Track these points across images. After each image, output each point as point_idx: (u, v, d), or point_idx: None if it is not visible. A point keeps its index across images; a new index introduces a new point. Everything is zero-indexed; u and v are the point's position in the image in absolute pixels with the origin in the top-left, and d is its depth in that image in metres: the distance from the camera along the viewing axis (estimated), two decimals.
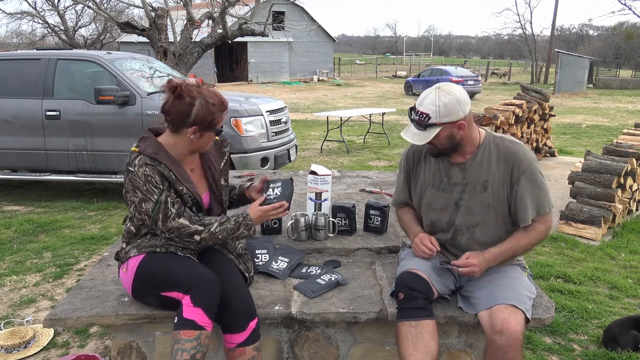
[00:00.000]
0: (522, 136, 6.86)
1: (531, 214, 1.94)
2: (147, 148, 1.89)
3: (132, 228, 1.99)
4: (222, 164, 2.14)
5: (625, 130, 5.93)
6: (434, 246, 2.02)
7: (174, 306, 1.86)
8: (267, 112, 5.69)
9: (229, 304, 1.87)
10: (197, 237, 1.91)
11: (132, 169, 1.86)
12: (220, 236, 1.94)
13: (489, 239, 2.00)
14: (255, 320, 1.91)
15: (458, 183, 2.01)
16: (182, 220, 1.89)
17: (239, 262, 2.11)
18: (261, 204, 2.06)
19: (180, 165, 1.96)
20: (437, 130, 1.88)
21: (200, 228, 1.91)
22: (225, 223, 1.95)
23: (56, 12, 25.78)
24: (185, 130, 1.91)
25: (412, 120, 1.93)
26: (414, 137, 1.92)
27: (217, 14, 9.73)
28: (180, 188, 1.92)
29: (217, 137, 2.05)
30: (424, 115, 1.87)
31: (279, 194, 2.11)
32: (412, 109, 1.93)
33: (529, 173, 1.92)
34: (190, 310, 1.78)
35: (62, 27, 26.63)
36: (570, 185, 5.00)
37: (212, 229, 1.93)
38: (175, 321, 1.79)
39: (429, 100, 1.87)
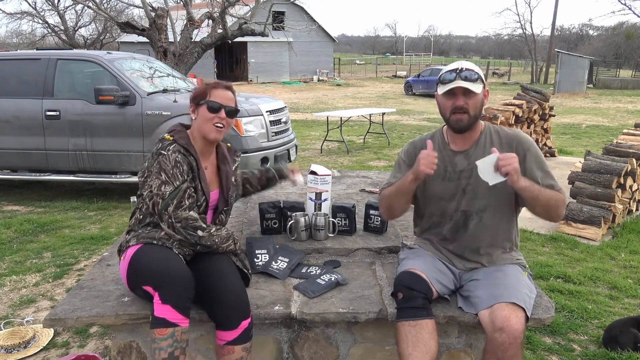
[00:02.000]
0: None
1: (544, 180, 1.94)
2: (180, 139, 2.02)
3: (139, 215, 2.05)
4: (234, 167, 2.28)
5: (625, 130, 5.92)
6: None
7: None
8: (267, 112, 5.68)
9: (223, 301, 1.88)
10: (200, 233, 1.97)
11: (165, 152, 1.96)
12: (216, 240, 2.02)
13: (497, 223, 2.03)
14: (249, 320, 1.90)
15: (464, 169, 2.03)
16: (192, 213, 1.97)
17: (237, 259, 2.12)
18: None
19: (201, 164, 2.07)
20: (481, 87, 1.95)
21: (204, 226, 2.00)
22: (219, 231, 2.06)
23: (56, 12, 25.76)
24: (192, 117, 2.09)
25: (461, 77, 1.91)
26: (470, 85, 1.90)
27: (217, 14, 9.72)
28: (198, 184, 2.03)
29: (222, 121, 2.05)
30: (473, 72, 1.94)
31: None
32: (455, 71, 1.92)
33: (533, 151, 1.99)
34: (160, 308, 1.78)
35: (62, 27, 26.62)
36: (570, 186, 5.00)
37: (211, 231, 2.02)
38: (150, 320, 1.80)
39: (467, 65, 1.97)
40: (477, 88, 1.92)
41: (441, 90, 1.97)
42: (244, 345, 1.89)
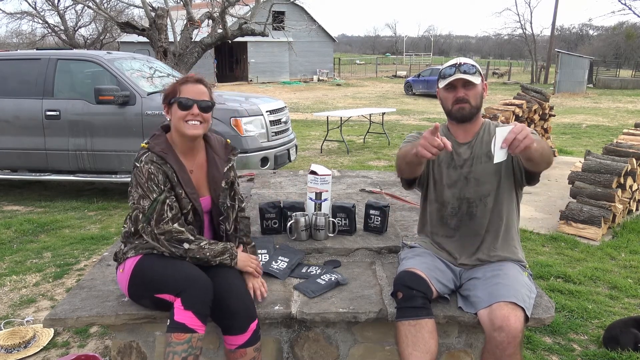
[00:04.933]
0: None
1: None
2: (156, 146, 1.92)
3: (131, 227, 1.99)
4: (226, 169, 2.10)
5: (625, 130, 5.92)
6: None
7: (168, 308, 1.86)
8: (267, 112, 5.69)
9: (229, 306, 1.87)
10: (186, 245, 1.91)
11: (138, 165, 1.89)
12: (207, 253, 1.94)
13: (502, 207, 2.07)
14: (256, 321, 1.91)
15: (468, 158, 2.09)
16: (176, 225, 1.89)
17: None
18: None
19: (185, 168, 1.96)
20: (480, 79, 2.02)
21: (192, 238, 1.92)
22: (214, 244, 1.97)
23: (56, 12, 25.79)
24: (167, 118, 2.00)
25: (460, 71, 1.99)
26: (469, 77, 1.99)
27: (217, 14, 9.72)
28: (180, 192, 1.93)
29: (196, 117, 1.91)
30: (471, 66, 2.02)
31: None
32: (454, 65, 2.01)
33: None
34: (181, 314, 1.78)
35: (62, 27, 26.65)
36: (570, 185, 5.00)
37: (201, 244, 1.93)
38: (168, 324, 1.80)
39: (465, 60, 2.05)
40: (475, 79, 2.01)
41: (442, 84, 2.05)
42: (255, 345, 1.90)
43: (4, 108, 5.45)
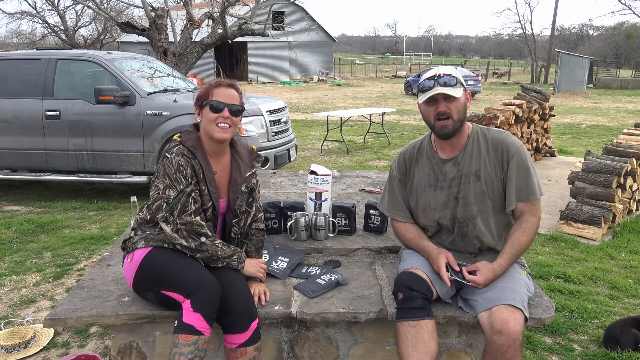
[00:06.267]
0: (522, 136, 6.87)
1: (515, 198, 1.97)
2: (188, 141, 1.98)
3: (147, 215, 2.02)
4: (248, 174, 2.14)
5: (625, 130, 5.93)
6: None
7: (171, 305, 1.87)
8: (267, 112, 5.69)
9: (231, 305, 1.88)
10: (203, 239, 1.94)
11: (169, 156, 1.93)
12: (218, 252, 1.97)
13: (493, 225, 2.02)
14: (257, 320, 1.92)
15: (454, 177, 2.03)
16: (197, 218, 1.94)
17: None
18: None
19: (211, 167, 2.01)
20: (462, 90, 1.93)
21: (210, 234, 1.97)
22: (225, 246, 2.01)
23: (56, 12, 25.78)
24: (198, 119, 2.04)
25: (439, 83, 1.90)
26: (449, 90, 1.89)
27: (217, 14, 9.71)
28: (204, 188, 1.97)
29: (226, 120, 1.96)
30: (451, 77, 1.92)
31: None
32: (433, 78, 1.92)
33: (517, 157, 1.97)
34: (190, 315, 1.79)
35: (62, 27, 26.66)
36: (570, 185, 5.00)
37: (215, 242, 1.98)
38: (175, 325, 1.80)
39: (445, 70, 1.95)
40: (457, 92, 1.91)
41: (422, 98, 1.96)
42: (256, 345, 1.91)
43: (4, 108, 5.46)
